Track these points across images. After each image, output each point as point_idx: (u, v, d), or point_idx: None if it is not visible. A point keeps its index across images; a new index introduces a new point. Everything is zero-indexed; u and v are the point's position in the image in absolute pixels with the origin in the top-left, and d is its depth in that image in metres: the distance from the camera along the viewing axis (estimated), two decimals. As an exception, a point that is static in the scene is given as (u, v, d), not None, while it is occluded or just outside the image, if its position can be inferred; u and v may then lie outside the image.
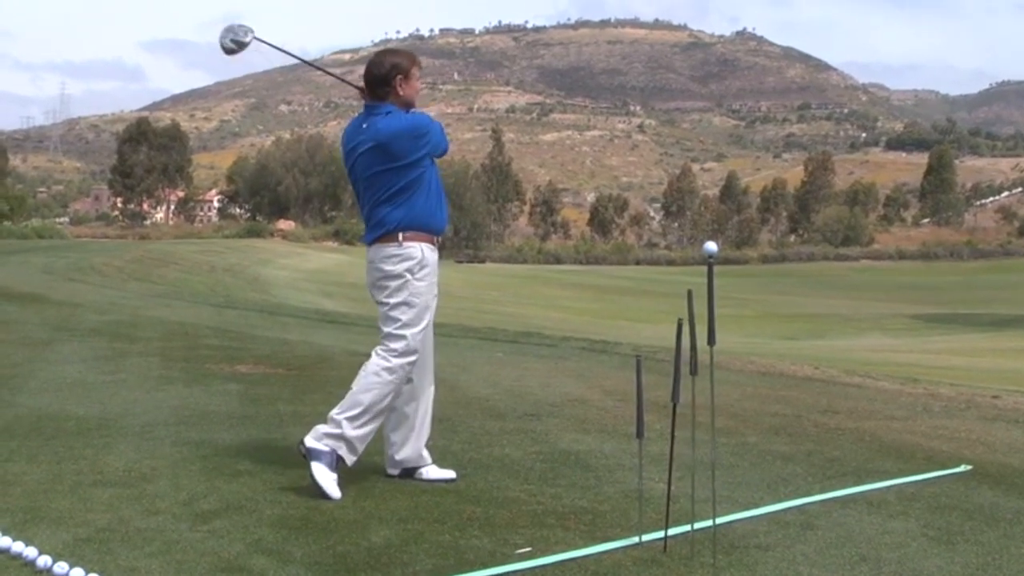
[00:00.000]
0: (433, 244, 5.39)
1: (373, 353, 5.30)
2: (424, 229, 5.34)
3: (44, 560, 3.84)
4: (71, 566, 3.78)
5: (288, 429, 6.65)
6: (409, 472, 5.44)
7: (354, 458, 5.22)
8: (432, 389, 5.57)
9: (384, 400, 5.24)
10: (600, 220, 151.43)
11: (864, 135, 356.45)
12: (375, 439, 5.50)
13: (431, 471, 5.44)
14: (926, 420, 8.22)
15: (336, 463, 5.14)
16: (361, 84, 5.45)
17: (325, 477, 5.05)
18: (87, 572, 3.74)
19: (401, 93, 5.36)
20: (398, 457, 5.48)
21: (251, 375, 9.56)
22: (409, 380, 5.36)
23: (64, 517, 4.51)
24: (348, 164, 5.43)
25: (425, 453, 5.51)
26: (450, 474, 5.46)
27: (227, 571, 3.89)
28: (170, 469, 5.51)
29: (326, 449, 5.12)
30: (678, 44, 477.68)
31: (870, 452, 6.62)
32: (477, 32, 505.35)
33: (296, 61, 6.21)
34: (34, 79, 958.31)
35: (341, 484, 5.16)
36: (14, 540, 4.04)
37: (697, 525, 4.40)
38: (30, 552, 3.92)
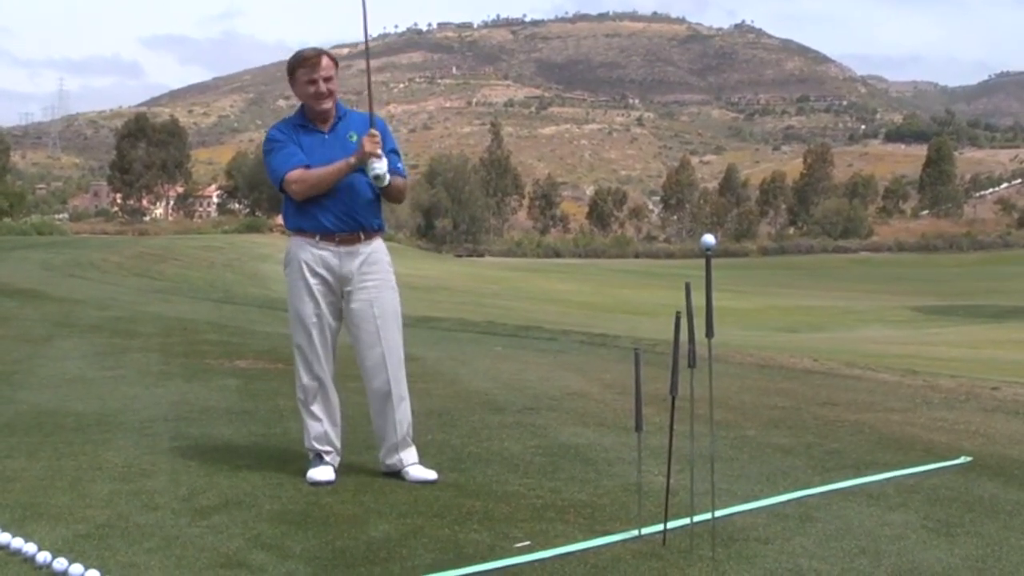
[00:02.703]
0: (309, 240, 5.30)
1: None
2: (298, 230, 5.35)
3: (44, 556, 3.84)
4: (70, 562, 3.77)
5: (287, 424, 6.64)
6: (393, 473, 5.38)
7: (312, 448, 5.39)
8: (382, 392, 5.36)
9: (299, 400, 5.44)
10: (599, 213, 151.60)
11: (863, 127, 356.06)
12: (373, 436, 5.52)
13: (412, 471, 5.35)
14: (926, 412, 8.22)
15: (311, 457, 5.39)
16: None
17: (310, 471, 5.28)
18: (86, 568, 3.73)
19: (294, 93, 5.38)
20: (378, 456, 5.48)
21: (250, 370, 9.57)
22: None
23: (63, 513, 4.51)
24: None
25: (403, 455, 5.38)
26: (431, 475, 5.34)
27: (226, 566, 3.89)
28: (169, 465, 5.51)
29: None
30: (676, 37, 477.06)
31: (869, 444, 6.62)
32: (475, 26, 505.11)
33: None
34: (32, 75, 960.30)
35: (342, 480, 5.21)
36: (13, 536, 4.04)
37: (696, 518, 4.39)
38: (30, 548, 3.92)
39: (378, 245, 5.43)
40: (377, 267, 5.37)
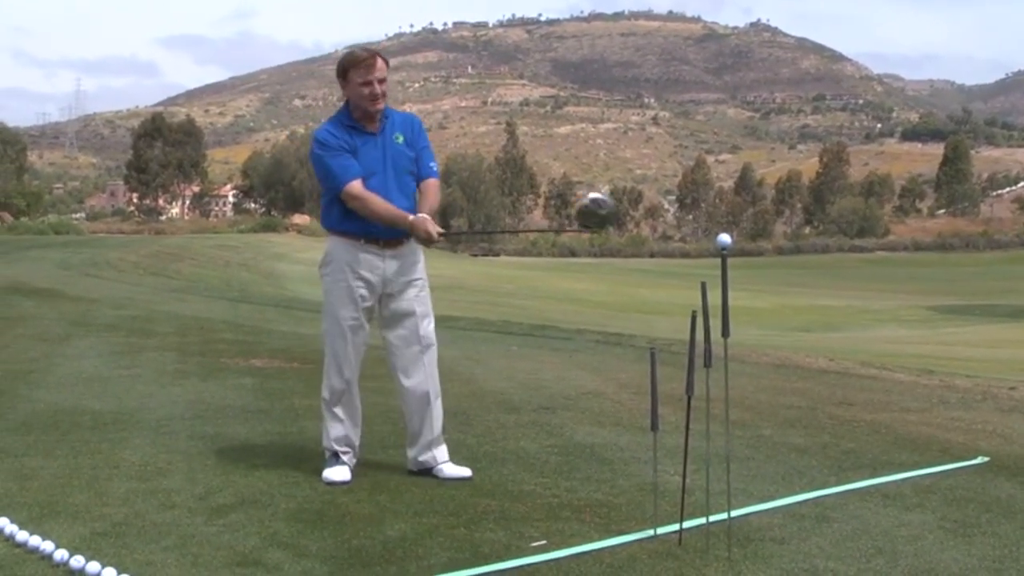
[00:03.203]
0: (354, 243, 5.32)
1: None
2: (342, 232, 5.37)
3: (61, 554, 3.85)
4: (87, 560, 3.79)
5: (303, 423, 6.66)
6: (425, 470, 5.42)
7: (330, 448, 5.39)
8: (420, 389, 5.41)
9: (324, 399, 5.45)
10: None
11: (879, 126, 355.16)
12: (396, 434, 5.52)
13: (446, 468, 5.41)
14: (942, 412, 8.19)
15: (328, 456, 5.39)
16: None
17: (326, 471, 5.29)
18: (103, 566, 3.74)
19: (345, 94, 5.39)
20: (408, 454, 5.50)
21: (266, 369, 9.58)
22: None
23: (80, 511, 4.53)
24: None
25: (436, 452, 5.44)
26: (465, 472, 5.40)
27: (242, 565, 3.90)
28: (186, 463, 5.52)
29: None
30: (692, 36, 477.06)
31: (886, 444, 6.61)
32: (491, 25, 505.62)
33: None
34: (49, 75, 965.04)
35: (357, 479, 5.23)
36: (31, 534, 4.06)
37: (712, 518, 4.39)
38: (47, 546, 3.93)
39: (415, 245, 5.45)
40: (417, 267, 5.46)
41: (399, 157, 5.34)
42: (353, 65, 5.27)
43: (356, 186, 5.22)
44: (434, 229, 5.21)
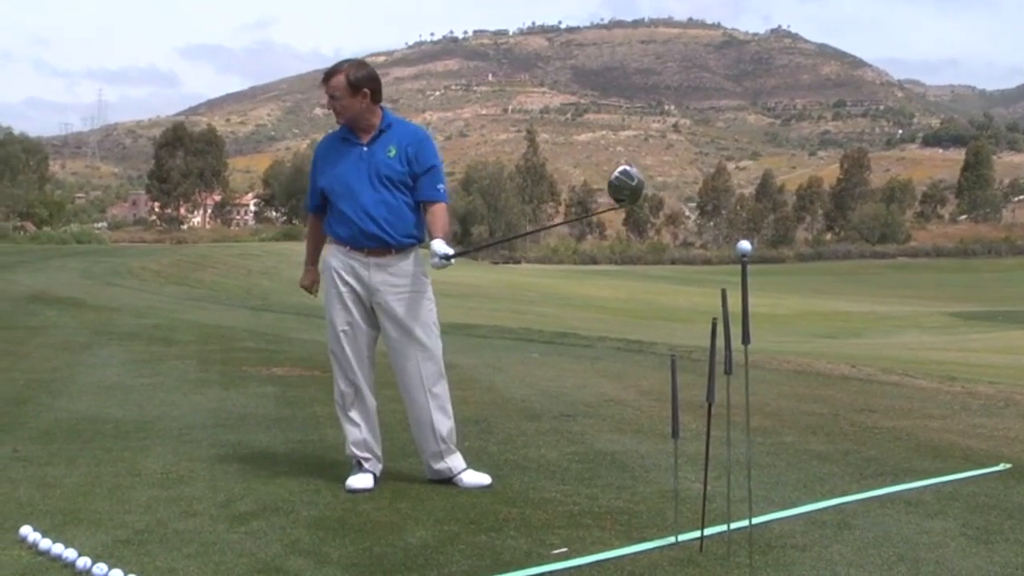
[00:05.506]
0: (342, 249, 5.40)
1: None
2: (335, 237, 5.46)
3: (84, 561, 3.87)
4: (110, 567, 3.80)
5: (324, 431, 6.67)
6: (444, 480, 5.41)
7: (352, 455, 5.40)
8: (416, 400, 5.39)
9: (337, 404, 5.48)
10: (635, 220, 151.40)
11: (900, 132, 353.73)
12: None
13: (465, 477, 5.40)
14: (964, 418, 8.15)
15: (353, 464, 5.41)
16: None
17: (349, 479, 5.31)
18: (126, 573, 3.76)
19: None
20: (422, 463, 5.51)
21: (287, 377, 9.61)
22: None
23: (103, 519, 4.55)
24: None
25: (450, 463, 5.42)
26: (485, 479, 5.40)
27: (264, 572, 3.91)
28: (207, 471, 5.54)
29: None
30: (712, 42, 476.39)
31: (907, 451, 6.57)
32: (511, 33, 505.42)
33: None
34: (71, 86, 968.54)
35: (378, 487, 5.25)
36: (54, 542, 4.07)
37: (733, 525, 4.38)
38: (70, 554, 3.95)
39: (412, 257, 5.41)
40: (408, 278, 5.36)
41: (383, 168, 5.28)
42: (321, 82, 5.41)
43: (311, 218, 5.63)
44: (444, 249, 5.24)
